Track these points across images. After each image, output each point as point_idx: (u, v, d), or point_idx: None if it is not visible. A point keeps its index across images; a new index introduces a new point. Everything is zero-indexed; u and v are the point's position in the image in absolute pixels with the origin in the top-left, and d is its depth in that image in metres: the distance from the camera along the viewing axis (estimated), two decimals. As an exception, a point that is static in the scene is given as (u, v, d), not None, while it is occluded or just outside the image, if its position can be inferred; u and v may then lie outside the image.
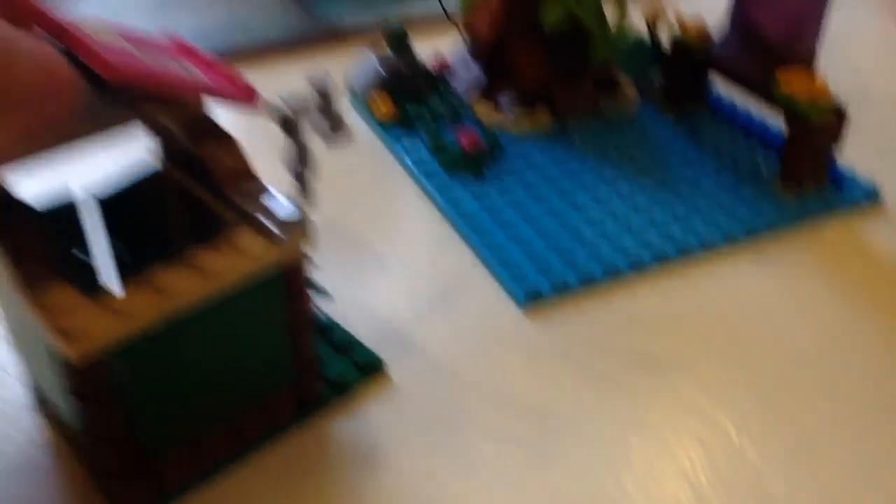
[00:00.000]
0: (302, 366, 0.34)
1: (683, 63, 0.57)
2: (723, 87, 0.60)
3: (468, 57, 0.61)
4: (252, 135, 0.36)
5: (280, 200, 0.31)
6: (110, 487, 0.31)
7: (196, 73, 0.30)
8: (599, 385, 0.38)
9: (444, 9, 0.66)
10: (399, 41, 0.61)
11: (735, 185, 0.51)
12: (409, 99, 0.59)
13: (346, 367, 0.38)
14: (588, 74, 0.58)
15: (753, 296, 0.44)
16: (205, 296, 0.28)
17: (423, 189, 0.52)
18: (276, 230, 0.30)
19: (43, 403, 0.35)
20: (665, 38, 0.59)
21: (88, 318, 0.26)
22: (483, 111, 0.57)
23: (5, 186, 0.29)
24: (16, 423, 0.35)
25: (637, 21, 0.60)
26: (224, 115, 0.33)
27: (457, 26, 0.65)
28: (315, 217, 0.32)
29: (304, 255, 0.32)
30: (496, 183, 0.51)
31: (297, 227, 0.30)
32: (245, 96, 0.30)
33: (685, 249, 0.46)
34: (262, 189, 0.31)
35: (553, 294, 0.43)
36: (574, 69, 0.57)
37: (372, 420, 0.36)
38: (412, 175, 0.53)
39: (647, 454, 0.35)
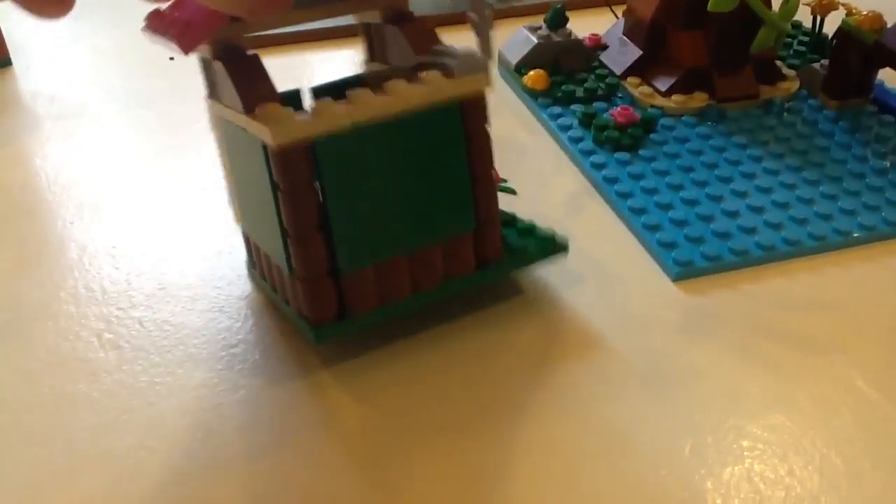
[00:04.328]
0: (483, 218, 0.38)
1: (850, 52, 0.56)
2: (892, 80, 0.59)
3: (624, 38, 0.61)
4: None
5: (462, 50, 0.36)
6: (302, 294, 0.35)
7: None
8: (749, 358, 0.38)
9: (602, -9, 0.67)
10: (556, 18, 0.62)
11: (901, 178, 0.50)
12: (562, 75, 0.60)
13: (530, 242, 0.41)
14: (749, 61, 0.57)
15: (917, 287, 0.42)
16: (388, 111, 0.33)
17: (575, 162, 0.52)
18: (452, 63, 0.35)
19: (255, 269, 0.41)
20: (833, 29, 0.57)
21: (290, 119, 0.32)
22: (638, 91, 0.58)
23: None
24: (235, 283, 0.42)
25: (803, 10, 0.59)
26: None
27: (611, 8, 0.66)
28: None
29: (483, 97, 0.36)
30: (650, 161, 0.51)
31: (474, 66, 0.35)
32: None
33: (845, 233, 0.45)
34: (447, 47, 0.36)
35: (706, 266, 0.43)
36: (735, 55, 0.57)
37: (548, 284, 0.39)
38: (564, 148, 0.54)
39: (796, 425, 0.35)
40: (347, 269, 0.35)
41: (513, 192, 0.44)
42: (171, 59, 0.64)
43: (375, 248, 0.35)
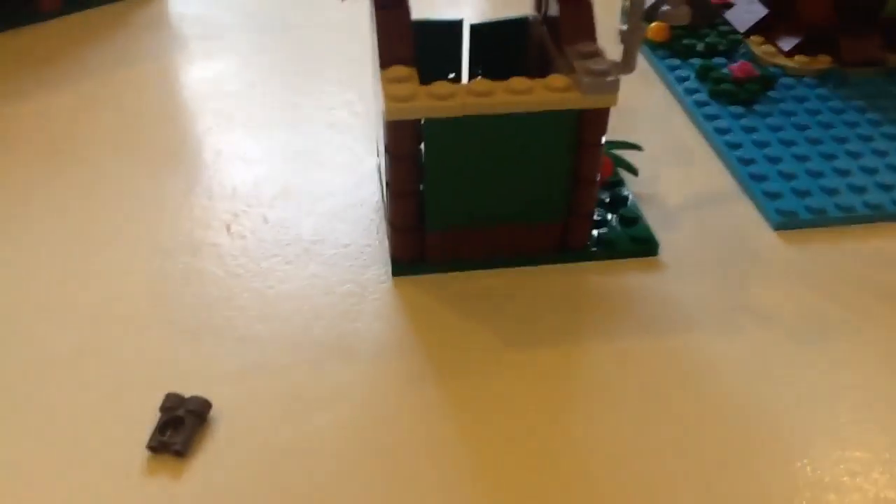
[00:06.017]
0: (575, 212, 0.39)
1: None
2: None
3: (752, -3, 0.60)
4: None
5: (601, 62, 0.36)
6: (392, 238, 0.40)
7: None
8: (848, 313, 0.38)
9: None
10: (684, -25, 0.62)
11: None
12: (685, 28, 0.60)
13: (622, 236, 0.42)
14: (877, 25, 0.56)
15: None
16: (505, 106, 0.35)
17: (689, 114, 0.53)
18: (583, 80, 0.35)
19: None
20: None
21: (404, 98, 0.34)
22: (760, 49, 0.57)
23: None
24: (351, 193, 0.46)
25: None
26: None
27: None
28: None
29: (606, 112, 0.36)
30: (765, 116, 0.51)
31: (602, 84, 0.35)
32: None
33: (960, 202, 0.44)
34: (593, 50, 0.36)
35: (809, 219, 0.43)
36: (864, 18, 0.55)
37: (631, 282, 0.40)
38: (678, 99, 0.54)
39: (884, 377, 0.35)
40: (430, 230, 0.38)
41: (634, 172, 0.46)
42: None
43: (459, 215, 0.38)
